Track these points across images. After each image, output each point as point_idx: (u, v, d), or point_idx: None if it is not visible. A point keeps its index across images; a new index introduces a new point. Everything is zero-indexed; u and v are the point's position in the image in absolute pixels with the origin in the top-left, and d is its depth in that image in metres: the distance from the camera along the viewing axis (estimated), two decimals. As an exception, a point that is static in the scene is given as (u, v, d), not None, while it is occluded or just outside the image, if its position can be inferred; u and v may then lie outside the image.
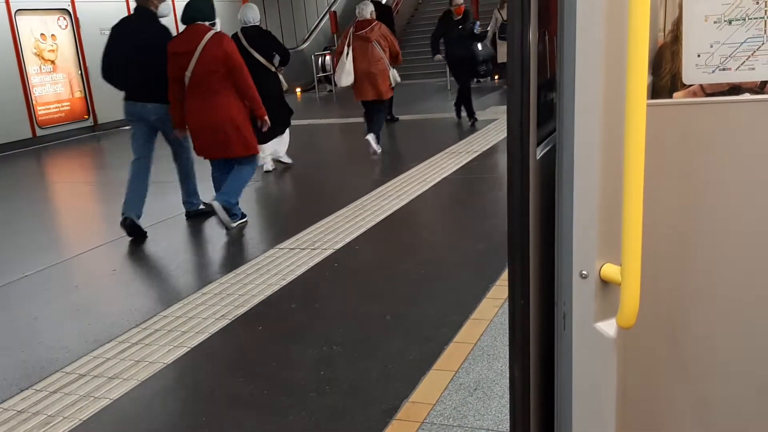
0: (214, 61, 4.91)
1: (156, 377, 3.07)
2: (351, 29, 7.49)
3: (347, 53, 7.34)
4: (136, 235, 5.21)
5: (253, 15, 6.40)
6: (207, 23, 5.03)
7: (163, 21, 5.38)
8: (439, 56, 9.96)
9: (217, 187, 5.47)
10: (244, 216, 5.45)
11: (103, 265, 4.94)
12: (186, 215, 5.76)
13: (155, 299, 4.02)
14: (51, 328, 3.83)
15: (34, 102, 11.18)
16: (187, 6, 5.10)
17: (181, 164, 5.64)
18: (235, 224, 5.29)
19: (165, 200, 6.80)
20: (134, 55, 5.15)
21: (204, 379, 3.09)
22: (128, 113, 5.38)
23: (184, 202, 5.71)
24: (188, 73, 4.97)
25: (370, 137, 7.64)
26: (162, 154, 5.71)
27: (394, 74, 7.57)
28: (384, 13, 9.88)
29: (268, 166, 7.32)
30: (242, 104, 5.10)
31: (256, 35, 6.38)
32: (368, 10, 7.50)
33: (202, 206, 5.70)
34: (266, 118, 5.21)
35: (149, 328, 3.59)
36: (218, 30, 5.05)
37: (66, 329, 3.78)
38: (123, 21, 5.48)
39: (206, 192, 5.76)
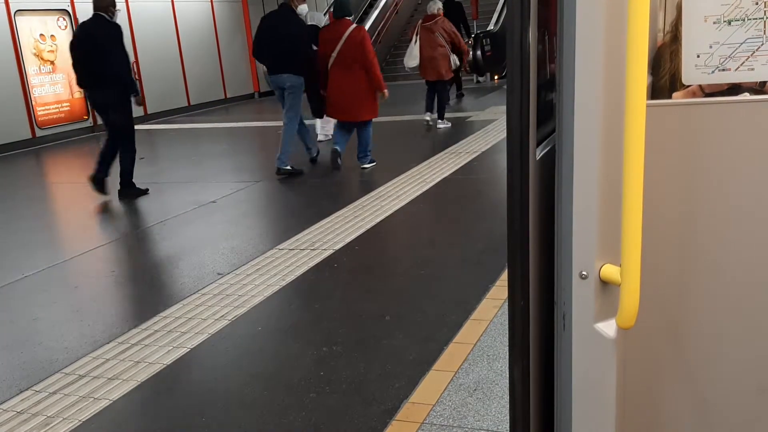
0: (354, 45, 6.70)
1: (155, 378, 3.07)
2: (420, 21, 9.17)
3: (415, 41, 9.06)
4: (291, 175, 7.10)
5: (318, 18, 8.55)
6: (349, 18, 7.00)
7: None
8: None
9: (338, 140, 7.17)
10: (374, 161, 7.18)
11: (103, 266, 4.94)
12: (277, 171, 7.17)
13: (154, 300, 4.02)
14: (51, 328, 3.82)
15: (33, 102, 11.17)
16: (337, 6, 6.98)
17: (288, 126, 7.18)
18: (370, 165, 7.12)
19: (166, 201, 6.80)
20: (276, 40, 6.84)
21: (203, 380, 3.09)
22: (272, 82, 7.19)
23: (280, 156, 7.18)
24: (334, 54, 6.76)
25: (440, 123, 9.37)
26: (165, 156, 5.69)
27: (454, 59, 9.21)
28: (455, 9, 11.41)
29: (322, 136, 8.98)
30: (367, 79, 6.83)
31: (316, 33, 7.90)
32: (435, 7, 9.19)
33: (285, 166, 7.15)
34: (385, 90, 6.98)
35: (149, 329, 3.59)
36: (356, 24, 7.07)
37: (65, 330, 3.78)
38: (270, 14, 7.16)
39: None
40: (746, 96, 1.18)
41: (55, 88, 11.61)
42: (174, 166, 8.84)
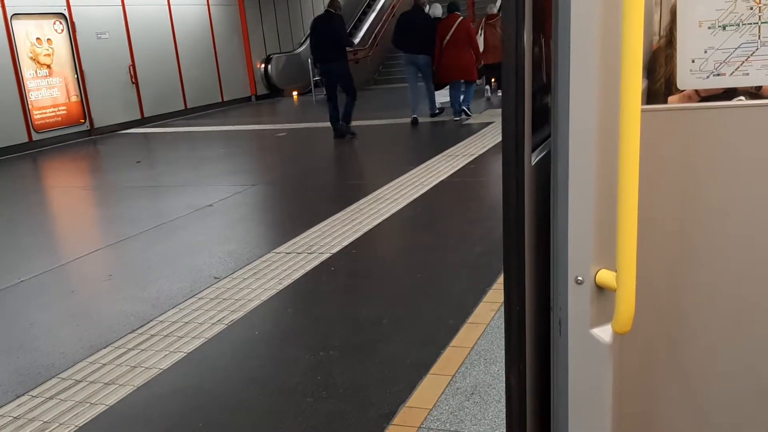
0: (462, 31, 9.89)
1: (152, 383, 3.06)
2: (484, 18, 12.07)
3: (480, 33, 11.71)
4: (438, 113, 10.60)
5: (435, 10, 10.72)
6: (458, 13, 10.07)
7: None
8: None
9: (452, 102, 10.37)
10: (470, 114, 10.38)
11: (99, 270, 4.93)
12: (431, 115, 10.56)
13: (151, 304, 4.01)
14: (47, 333, 3.81)
15: (30, 106, 11.15)
16: (450, 5, 10.10)
17: (428, 88, 10.39)
18: (469, 117, 10.24)
19: (162, 205, 6.79)
20: (413, 30, 9.97)
21: (200, 385, 3.08)
22: (406, 60, 10.36)
23: (430, 108, 10.59)
24: (448, 37, 9.86)
25: (500, 92, 12.36)
26: (162, 159, 5.66)
27: None
28: None
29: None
30: (471, 53, 10.07)
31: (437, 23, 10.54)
32: (496, 8, 12.26)
33: (437, 111, 10.63)
34: (482, 61, 10.74)
35: (145, 334, 3.58)
36: (462, 17, 10.28)
37: (62, 335, 3.77)
38: (406, 12, 10.38)
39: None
40: (742, 100, 1.18)
41: (52, 91, 11.59)
42: (171, 169, 8.83)
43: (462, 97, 10.33)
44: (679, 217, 1.24)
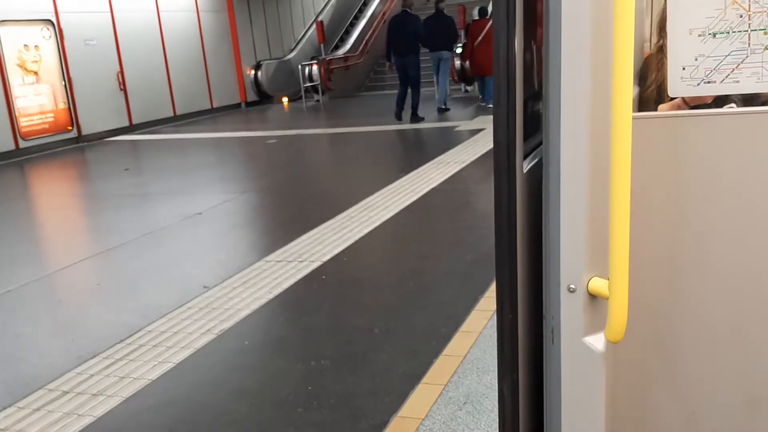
0: (491, 33, 10.34)
1: (140, 394, 3.03)
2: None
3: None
4: (445, 111, 11.80)
5: (482, 12, 11.97)
6: (487, 18, 11.37)
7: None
8: None
9: (484, 95, 12.17)
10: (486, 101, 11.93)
11: (88, 279, 4.88)
12: (438, 110, 11.84)
13: (140, 314, 3.97)
14: (34, 343, 3.77)
15: (16, 113, 11.08)
16: (481, 10, 11.82)
17: (441, 83, 11.83)
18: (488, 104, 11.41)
19: (151, 213, 6.75)
20: (435, 31, 11.10)
21: (189, 396, 3.05)
22: (431, 56, 11.56)
23: (438, 100, 12.01)
24: (479, 38, 11.63)
25: None
26: (150, 167, 5.63)
27: None
28: None
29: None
30: None
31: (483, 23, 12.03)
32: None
33: (443, 106, 11.99)
34: None
35: (134, 344, 3.54)
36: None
37: (49, 345, 3.73)
38: (430, 16, 11.38)
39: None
40: (733, 107, 1.18)
41: (39, 98, 11.52)
42: (159, 177, 8.79)
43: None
44: (672, 224, 1.23)
